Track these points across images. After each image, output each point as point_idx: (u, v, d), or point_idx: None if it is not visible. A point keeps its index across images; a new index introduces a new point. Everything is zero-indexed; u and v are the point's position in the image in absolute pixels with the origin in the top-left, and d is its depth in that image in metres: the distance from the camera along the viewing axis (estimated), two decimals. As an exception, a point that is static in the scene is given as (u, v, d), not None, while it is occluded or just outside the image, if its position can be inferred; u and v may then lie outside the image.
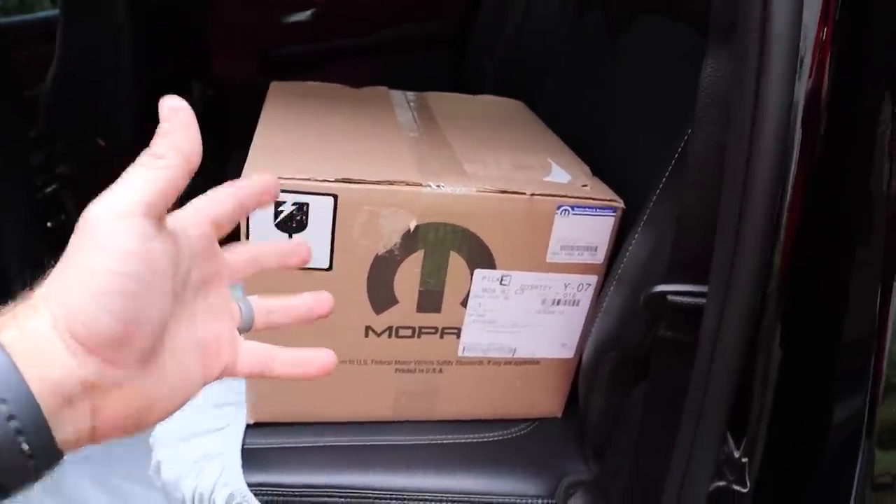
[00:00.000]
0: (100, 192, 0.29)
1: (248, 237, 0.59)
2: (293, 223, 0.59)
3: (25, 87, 1.30)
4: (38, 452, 0.26)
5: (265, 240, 0.60)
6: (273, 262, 0.40)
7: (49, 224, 1.25)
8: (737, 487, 0.52)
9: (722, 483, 0.52)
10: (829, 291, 0.48)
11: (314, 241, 0.61)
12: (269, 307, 0.39)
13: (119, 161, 0.31)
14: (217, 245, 0.36)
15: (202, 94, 1.64)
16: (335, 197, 0.59)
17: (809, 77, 0.43)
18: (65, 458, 0.28)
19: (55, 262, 0.29)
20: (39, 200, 1.23)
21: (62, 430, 0.27)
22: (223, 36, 1.66)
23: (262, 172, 0.37)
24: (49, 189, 1.27)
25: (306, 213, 0.59)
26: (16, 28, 1.47)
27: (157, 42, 1.40)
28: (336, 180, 0.59)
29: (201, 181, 0.34)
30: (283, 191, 0.58)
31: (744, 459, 0.51)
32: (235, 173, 0.59)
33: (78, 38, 1.33)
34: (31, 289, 0.29)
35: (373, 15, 1.71)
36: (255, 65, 1.68)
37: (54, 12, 1.45)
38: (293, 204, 0.59)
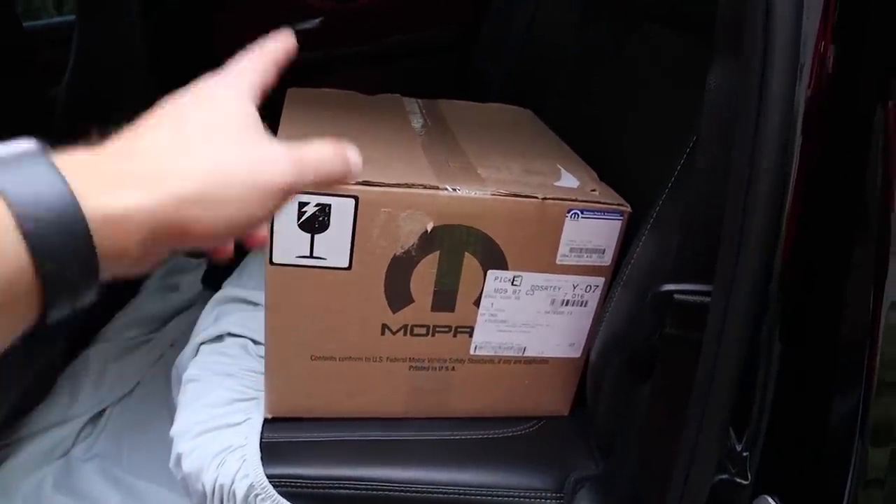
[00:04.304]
0: None
1: (271, 234, 0.62)
2: (316, 223, 0.62)
3: (49, 86, 1.35)
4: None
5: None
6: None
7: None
8: (738, 480, 0.54)
9: (724, 476, 0.54)
10: (826, 291, 0.50)
11: (335, 242, 0.64)
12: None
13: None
14: None
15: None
16: (356, 198, 0.62)
17: (809, 86, 0.46)
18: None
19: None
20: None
21: None
22: (232, 42, 1.69)
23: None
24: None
25: (328, 214, 0.62)
26: (39, 31, 1.50)
27: (168, 48, 1.43)
28: (357, 183, 0.62)
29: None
30: (307, 192, 0.61)
31: (745, 453, 0.53)
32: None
33: (92, 42, 1.36)
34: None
35: (378, 23, 1.74)
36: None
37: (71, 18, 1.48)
38: (316, 205, 0.61)
